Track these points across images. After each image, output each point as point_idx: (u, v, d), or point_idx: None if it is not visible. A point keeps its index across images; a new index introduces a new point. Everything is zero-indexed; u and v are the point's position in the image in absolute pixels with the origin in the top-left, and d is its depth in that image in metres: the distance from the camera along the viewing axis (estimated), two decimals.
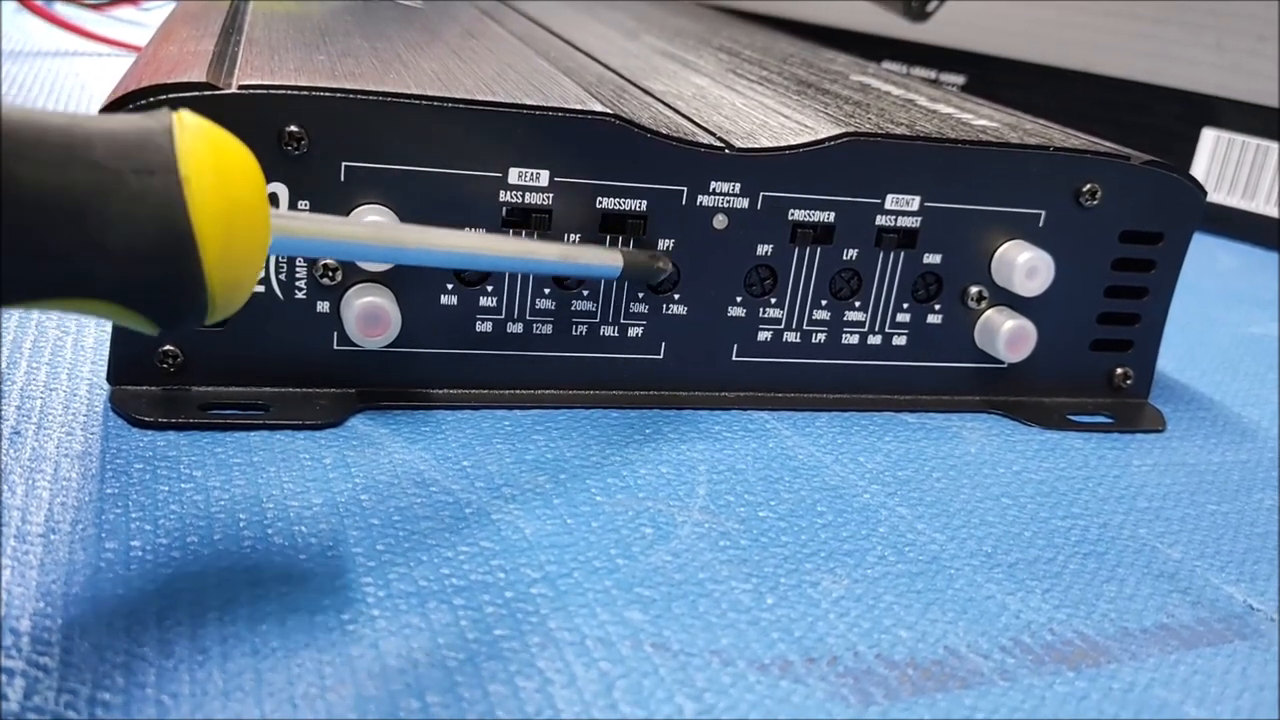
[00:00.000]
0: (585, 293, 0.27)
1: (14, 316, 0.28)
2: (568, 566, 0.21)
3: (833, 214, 0.27)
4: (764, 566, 0.21)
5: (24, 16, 0.64)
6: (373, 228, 0.22)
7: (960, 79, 0.62)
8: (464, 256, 0.23)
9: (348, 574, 0.20)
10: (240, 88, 0.23)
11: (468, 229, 0.25)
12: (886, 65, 0.64)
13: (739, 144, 0.26)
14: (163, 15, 0.72)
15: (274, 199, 0.24)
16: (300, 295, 0.25)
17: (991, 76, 0.61)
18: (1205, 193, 0.30)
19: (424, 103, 0.24)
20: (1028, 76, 0.59)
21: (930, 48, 0.63)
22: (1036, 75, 0.59)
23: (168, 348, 0.24)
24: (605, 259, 0.25)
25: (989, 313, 0.29)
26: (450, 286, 0.26)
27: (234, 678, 0.17)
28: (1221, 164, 0.53)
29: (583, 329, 0.27)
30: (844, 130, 0.27)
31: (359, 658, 0.18)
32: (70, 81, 0.55)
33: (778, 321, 0.28)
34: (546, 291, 0.26)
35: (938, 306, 0.29)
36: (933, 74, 0.63)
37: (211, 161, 0.17)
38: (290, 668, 0.17)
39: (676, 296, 0.27)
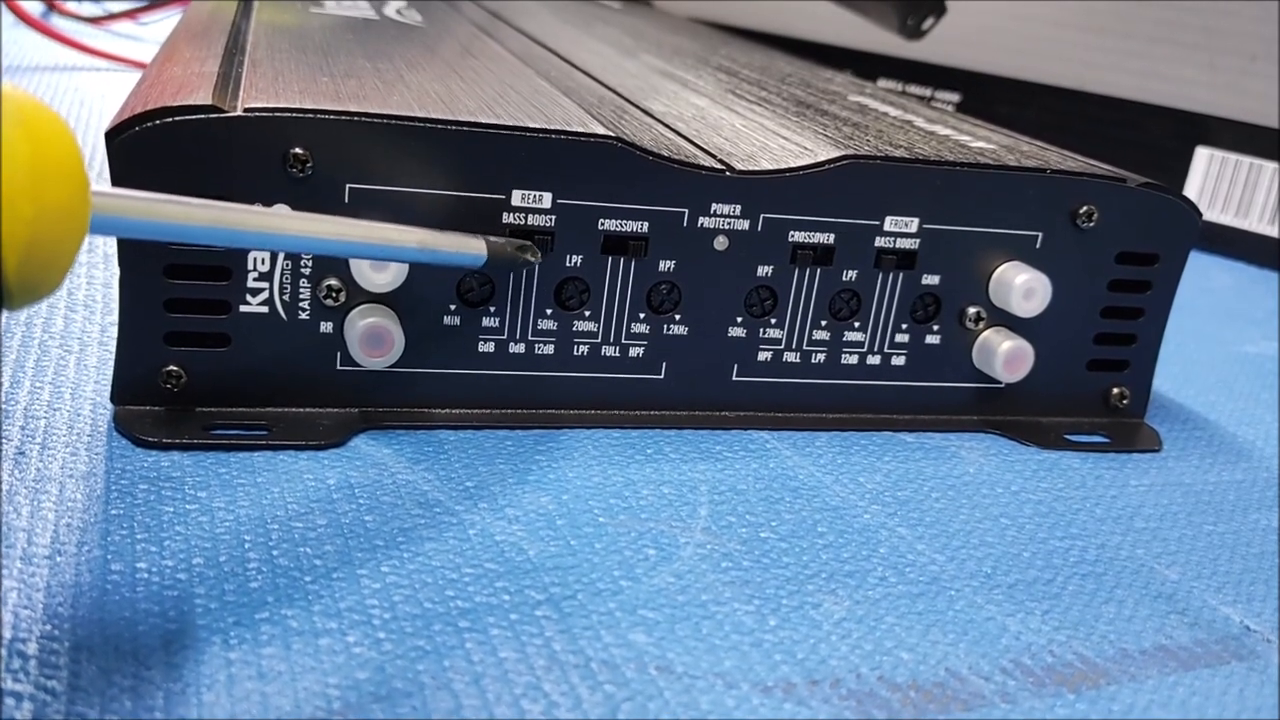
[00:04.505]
0: (587, 313, 0.27)
1: (17, 335, 0.28)
2: (572, 589, 0.21)
3: (832, 235, 0.28)
4: (766, 588, 0.22)
5: (21, 31, 0.64)
6: (213, 209, 0.20)
7: (955, 96, 0.62)
8: (313, 242, 0.22)
9: (353, 596, 0.20)
10: (245, 110, 0.23)
11: (325, 214, 0.23)
12: (882, 83, 0.64)
13: (740, 166, 0.27)
14: (161, 30, 0.72)
15: None
16: (304, 316, 0.25)
17: (986, 94, 0.61)
18: (1200, 214, 0.30)
19: (428, 125, 0.24)
20: (1022, 94, 0.60)
21: (926, 65, 0.63)
22: (1031, 93, 0.59)
23: (171, 368, 0.25)
24: (468, 247, 0.24)
25: (987, 333, 0.29)
26: (453, 307, 0.26)
27: (240, 701, 0.17)
28: (1215, 182, 0.54)
29: (584, 349, 0.27)
30: (843, 153, 0.27)
31: (365, 681, 0.18)
32: (69, 97, 0.55)
33: (778, 342, 0.28)
34: (548, 312, 0.26)
35: (936, 327, 0.29)
36: (928, 91, 0.63)
37: (28, 161, 0.15)
38: (296, 691, 0.17)
39: (678, 317, 0.27)
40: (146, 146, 0.23)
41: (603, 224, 0.26)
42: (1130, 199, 0.29)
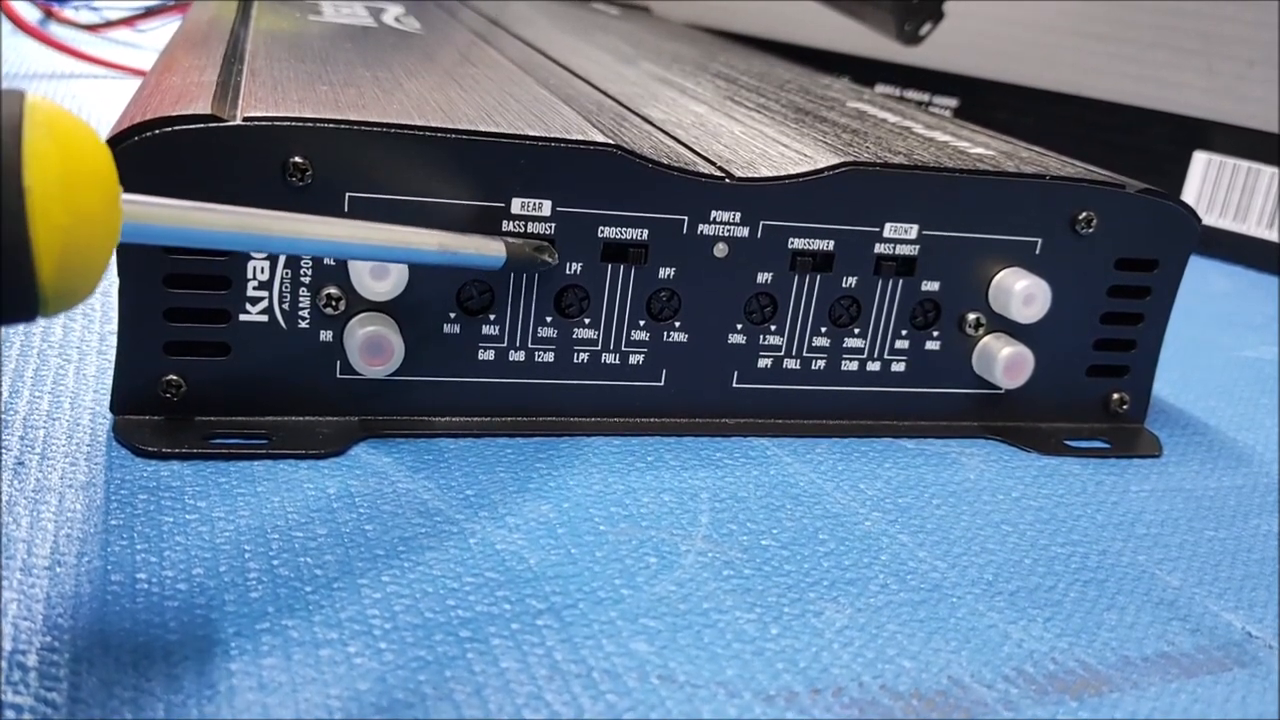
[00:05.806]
0: (587, 321, 0.27)
1: (15, 344, 0.28)
2: (573, 598, 0.21)
3: (832, 242, 0.28)
4: (768, 596, 0.22)
5: (19, 39, 0.64)
6: (239, 215, 0.20)
7: (953, 102, 0.62)
8: (335, 245, 0.22)
9: (353, 606, 0.20)
10: (245, 119, 0.23)
11: (345, 218, 0.23)
12: (879, 88, 0.64)
13: (739, 173, 0.27)
14: (159, 37, 0.72)
15: None
16: (303, 324, 0.25)
17: (984, 99, 0.61)
18: (1200, 220, 0.30)
19: (427, 133, 0.24)
20: (1020, 99, 0.60)
21: (923, 71, 0.63)
22: (1029, 98, 0.59)
23: (171, 377, 0.24)
24: (487, 249, 0.24)
25: (986, 339, 0.29)
26: (453, 315, 0.26)
27: (241, 713, 0.17)
28: (1213, 187, 0.54)
29: (584, 357, 0.27)
30: (843, 160, 0.27)
31: (366, 692, 0.18)
32: (68, 104, 0.55)
33: (778, 349, 0.28)
34: (548, 320, 0.26)
35: (936, 333, 0.29)
36: (925, 97, 0.63)
37: (60, 169, 0.16)
38: (297, 702, 0.17)
39: (678, 324, 0.27)
40: (146, 156, 0.23)
41: (602, 231, 0.26)
42: (1129, 205, 0.29)
